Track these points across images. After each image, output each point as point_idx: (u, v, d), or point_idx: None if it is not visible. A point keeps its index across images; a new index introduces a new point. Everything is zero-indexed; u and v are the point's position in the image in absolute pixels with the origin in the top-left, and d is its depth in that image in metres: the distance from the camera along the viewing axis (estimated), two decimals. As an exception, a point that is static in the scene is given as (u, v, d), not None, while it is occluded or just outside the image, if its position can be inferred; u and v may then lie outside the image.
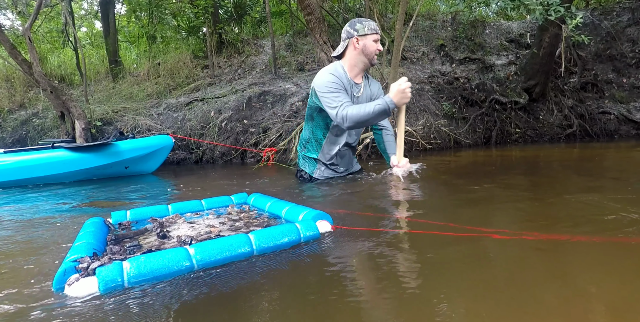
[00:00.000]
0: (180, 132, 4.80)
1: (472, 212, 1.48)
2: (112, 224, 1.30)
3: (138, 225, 1.36)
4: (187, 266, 0.91)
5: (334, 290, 0.83)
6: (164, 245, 1.07)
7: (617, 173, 2.44)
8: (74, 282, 0.81)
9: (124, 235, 1.18)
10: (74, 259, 0.89)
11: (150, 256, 0.89)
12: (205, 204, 1.59)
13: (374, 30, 2.10)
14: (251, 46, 6.58)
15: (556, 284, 0.81)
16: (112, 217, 1.41)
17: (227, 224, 1.29)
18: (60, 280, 0.84)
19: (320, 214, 1.22)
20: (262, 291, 0.83)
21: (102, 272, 0.83)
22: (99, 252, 0.98)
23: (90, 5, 10.01)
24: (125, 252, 0.99)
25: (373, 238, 1.14)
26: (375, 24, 2.15)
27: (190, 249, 0.94)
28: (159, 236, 1.14)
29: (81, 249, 0.95)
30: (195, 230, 1.21)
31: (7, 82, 6.20)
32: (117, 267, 0.85)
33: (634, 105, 5.86)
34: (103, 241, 1.09)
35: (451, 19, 7.03)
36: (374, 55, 2.15)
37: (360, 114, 1.86)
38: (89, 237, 1.05)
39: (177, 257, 0.91)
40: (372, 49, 2.12)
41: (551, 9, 3.07)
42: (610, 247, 1.00)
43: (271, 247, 1.04)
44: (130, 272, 0.85)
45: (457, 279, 0.86)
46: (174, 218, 1.38)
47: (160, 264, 0.88)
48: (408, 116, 4.96)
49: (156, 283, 0.86)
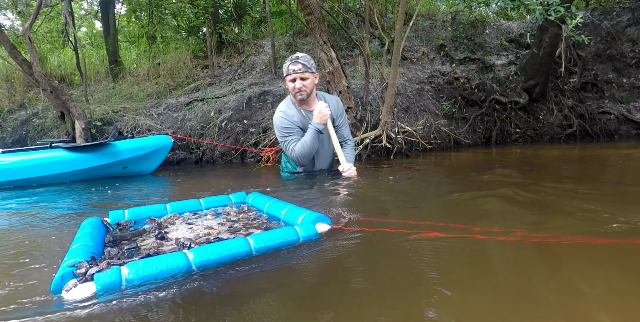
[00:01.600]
0: (180, 132, 4.80)
1: (472, 212, 1.48)
2: (110, 224, 1.28)
3: (136, 225, 1.35)
4: (185, 271, 0.90)
5: (333, 290, 0.83)
6: (162, 247, 1.06)
7: (617, 173, 2.44)
8: (72, 288, 0.81)
9: (122, 236, 1.17)
10: (71, 264, 0.87)
11: (148, 261, 0.88)
12: (203, 203, 1.57)
13: (288, 71, 2.23)
14: (251, 46, 6.58)
15: (555, 284, 0.80)
16: (109, 217, 1.40)
17: (226, 225, 1.28)
18: (58, 285, 0.83)
19: (319, 216, 1.21)
20: (262, 294, 0.83)
21: (100, 278, 0.82)
22: (97, 255, 0.97)
23: (90, 5, 10.01)
24: (123, 255, 0.99)
25: (372, 239, 1.13)
26: (293, 63, 2.21)
27: (189, 253, 0.93)
28: (157, 237, 1.13)
29: (78, 252, 0.94)
30: (193, 231, 1.21)
31: (7, 82, 6.19)
32: (116, 273, 0.84)
33: (634, 105, 5.85)
34: (101, 243, 1.08)
35: (451, 19, 7.02)
36: (295, 93, 2.27)
37: (304, 147, 2.24)
38: (86, 239, 1.03)
39: (176, 262, 0.90)
40: (290, 88, 2.29)
41: (551, 9, 3.06)
42: (611, 248, 1.00)
43: (270, 251, 1.03)
44: (129, 277, 0.84)
45: (457, 278, 0.86)
46: (172, 218, 1.37)
47: (159, 269, 0.87)
48: (408, 116, 4.97)
49: (154, 288, 0.85)
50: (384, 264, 0.97)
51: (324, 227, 1.18)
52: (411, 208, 1.61)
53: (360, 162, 3.64)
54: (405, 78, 5.68)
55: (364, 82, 4.76)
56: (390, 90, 3.73)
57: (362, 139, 3.99)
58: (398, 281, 0.86)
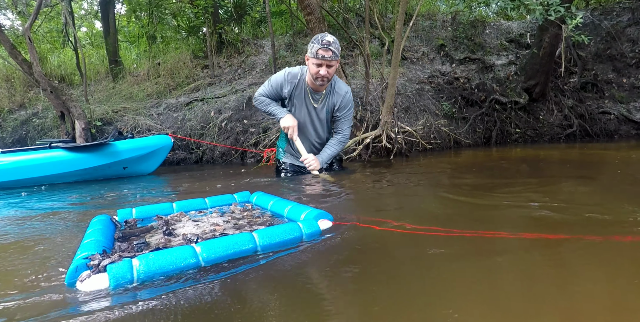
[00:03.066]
0: (180, 132, 4.80)
1: (473, 211, 1.48)
2: (118, 222, 1.32)
3: (143, 222, 1.39)
4: (194, 263, 0.93)
5: (334, 288, 0.83)
6: (170, 243, 1.09)
7: (617, 173, 2.44)
8: (85, 279, 0.84)
9: (131, 232, 1.20)
10: (85, 256, 0.92)
11: (158, 254, 0.92)
12: (208, 202, 1.61)
13: (317, 55, 2.07)
14: (251, 46, 6.58)
15: (558, 283, 0.81)
16: (118, 215, 1.44)
17: (231, 223, 1.30)
18: (72, 276, 0.86)
19: (322, 213, 1.24)
20: (267, 287, 0.84)
21: (112, 269, 0.86)
22: (108, 249, 1.01)
23: (90, 5, 10.01)
24: (133, 249, 1.02)
25: (373, 236, 1.14)
26: (324, 49, 2.06)
27: (196, 247, 0.96)
28: (164, 233, 1.16)
29: (90, 246, 0.98)
30: (200, 228, 1.23)
31: (7, 82, 6.19)
32: (127, 265, 0.88)
33: (634, 105, 5.87)
34: (111, 238, 1.12)
35: (451, 19, 7.03)
36: (316, 78, 2.16)
37: (260, 106, 2.38)
38: (97, 235, 1.07)
39: (185, 254, 0.93)
40: (312, 71, 2.16)
41: (551, 9, 3.07)
42: (614, 246, 1.00)
43: (274, 245, 1.06)
44: (140, 269, 0.87)
45: (458, 277, 0.86)
46: (178, 216, 1.40)
47: (169, 261, 0.91)
48: (408, 116, 4.97)
49: (164, 279, 0.88)
50: (385, 261, 0.97)
51: (327, 224, 1.21)
52: (412, 207, 1.61)
53: (361, 162, 3.64)
54: (405, 78, 5.69)
55: (364, 82, 4.76)
56: (390, 90, 3.73)
57: (362, 139, 3.99)
58: (399, 279, 0.87)
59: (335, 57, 2.09)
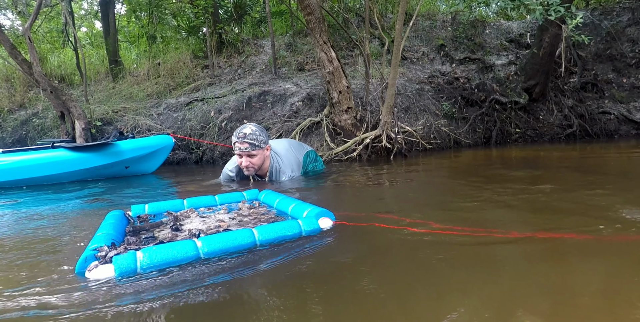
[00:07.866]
0: (180, 132, 4.80)
1: (473, 211, 1.48)
2: (131, 217, 1.39)
3: (155, 218, 1.46)
4: (194, 256, 0.97)
5: (334, 287, 0.83)
6: (176, 237, 1.13)
7: (617, 173, 2.44)
8: (93, 268, 0.90)
9: (141, 227, 1.26)
10: (94, 248, 0.98)
11: (161, 247, 0.96)
12: (218, 199, 1.66)
13: (234, 147, 2.16)
14: (251, 46, 6.58)
15: (558, 283, 0.81)
16: (131, 210, 1.50)
17: (237, 219, 1.33)
18: (82, 266, 0.93)
19: (323, 211, 1.26)
20: (267, 287, 0.84)
21: (118, 260, 0.92)
22: (117, 242, 1.07)
23: (90, 5, 10.01)
24: (140, 242, 1.07)
25: (374, 235, 1.15)
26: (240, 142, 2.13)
27: (197, 241, 1.00)
28: (172, 228, 1.21)
29: (101, 239, 1.04)
30: (205, 224, 1.27)
31: (7, 82, 6.18)
32: (132, 256, 0.93)
33: (634, 105, 5.87)
34: (122, 232, 1.18)
35: (451, 19, 7.03)
36: (241, 168, 2.25)
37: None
38: (109, 229, 1.13)
39: (186, 248, 0.98)
40: (237, 161, 2.26)
41: (551, 9, 3.07)
42: (613, 245, 1.00)
43: (273, 241, 1.09)
44: (143, 260, 0.93)
45: (458, 275, 0.86)
46: (188, 212, 1.45)
47: (170, 254, 0.95)
48: (408, 116, 4.97)
49: (166, 270, 0.93)
50: (385, 260, 0.98)
51: (328, 222, 1.22)
52: (412, 206, 1.61)
53: (361, 163, 3.64)
54: (405, 78, 5.69)
55: (364, 82, 4.76)
56: (390, 90, 3.73)
57: (362, 139, 3.99)
58: (399, 277, 0.87)
59: (252, 148, 2.13)
